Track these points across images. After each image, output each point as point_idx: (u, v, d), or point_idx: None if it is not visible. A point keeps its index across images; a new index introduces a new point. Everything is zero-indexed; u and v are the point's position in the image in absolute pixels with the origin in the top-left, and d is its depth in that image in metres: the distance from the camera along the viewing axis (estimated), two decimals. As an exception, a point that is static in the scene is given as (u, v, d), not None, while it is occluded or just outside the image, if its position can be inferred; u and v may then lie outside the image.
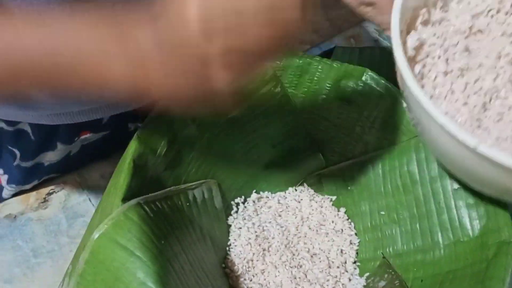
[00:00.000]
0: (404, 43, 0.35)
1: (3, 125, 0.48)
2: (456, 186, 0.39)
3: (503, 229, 0.35)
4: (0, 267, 0.47)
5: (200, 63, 0.25)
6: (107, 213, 0.33)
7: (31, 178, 0.53)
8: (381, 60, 0.64)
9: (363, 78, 0.46)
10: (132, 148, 0.37)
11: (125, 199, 0.34)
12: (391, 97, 0.45)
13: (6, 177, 0.52)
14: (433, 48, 0.35)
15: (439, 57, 0.35)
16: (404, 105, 0.40)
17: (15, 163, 0.51)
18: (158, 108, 0.39)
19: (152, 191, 0.37)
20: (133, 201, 0.33)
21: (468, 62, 0.34)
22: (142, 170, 0.37)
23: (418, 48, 0.35)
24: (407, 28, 0.36)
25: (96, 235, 0.32)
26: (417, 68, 0.35)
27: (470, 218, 0.38)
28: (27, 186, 0.53)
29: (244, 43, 0.25)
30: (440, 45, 0.35)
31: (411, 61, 0.35)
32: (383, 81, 0.45)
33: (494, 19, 0.35)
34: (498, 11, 0.36)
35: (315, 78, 0.47)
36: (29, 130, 0.49)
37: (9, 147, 0.50)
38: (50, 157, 0.52)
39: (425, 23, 0.36)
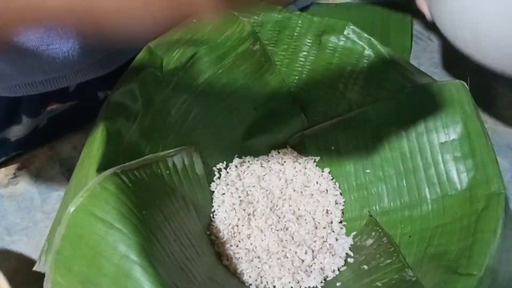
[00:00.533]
0: None
1: None
2: (443, 139, 0.38)
3: (492, 181, 0.35)
4: (-28, 247, 0.45)
5: None
6: (82, 185, 0.31)
7: None
8: (358, 16, 0.62)
9: (345, 32, 0.44)
10: (104, 114, 0.34)
11: (100, 169, 0.32)
12: (374, 51, 0.43)
13: None
14: None
15: None
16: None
17: None
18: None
19: (128, 160, 0.34)
20: (109, 171, 0.31)
21: None
22: (117, 138, 0.35)
23: None
24: None
25: (71, 208, 0.29)
26: None
27: (457, 171, 0.37)
28: None
29: None
30: None
31: None
32: (365, 35, 0.43)
33: None
34: None
35: (295, 34, 0.45)
36: None
37: None
38: (16, 132, 0.49)
39: None
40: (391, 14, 0.65)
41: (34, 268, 0.34)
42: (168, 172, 0.38)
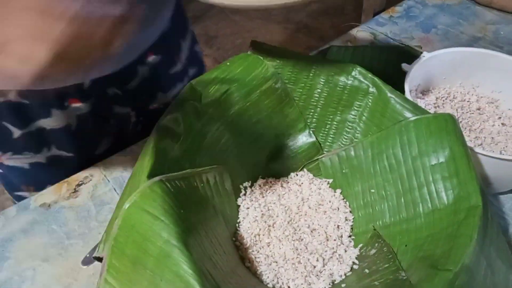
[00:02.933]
0: None
1: None
2: (433, 162, 0.45)
3: (472, 196, 0.41)
4: (37, 248, 0.53)
5: None
6: (135, 188, 0.39)
7: (40, 145, 0.60)
8: (372, 56, 0.70)
9: (353, 73, 0.52)
10: (154, 135, 0.43)
11: (150, 176, 0.40)
12: (377, 89, 0.51)
13: (7, 155, 0.59)
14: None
15: None
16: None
17: (14, 137, 0.57)
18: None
19: (172, 172, 0.42)
20: (156, 178, 0.39)
21: None
22: (163, 154, 0.44)
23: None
24: None
25: (127, 205, 0.38)
26: None
27: (445, 189, 0.43)
28: (41, 156, 0.60)
29: None
30: None
31: None
32: (370, 75, 0.51)
33: None
34: None
35: (311, 74, 0.53)
36: (20, 100, 0.54)
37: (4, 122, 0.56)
38: (49, 123, 0.58)
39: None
40: (404, 53, 0.72)
41: (94, 255, 0.42)
42: (202, 185, 0.46)
